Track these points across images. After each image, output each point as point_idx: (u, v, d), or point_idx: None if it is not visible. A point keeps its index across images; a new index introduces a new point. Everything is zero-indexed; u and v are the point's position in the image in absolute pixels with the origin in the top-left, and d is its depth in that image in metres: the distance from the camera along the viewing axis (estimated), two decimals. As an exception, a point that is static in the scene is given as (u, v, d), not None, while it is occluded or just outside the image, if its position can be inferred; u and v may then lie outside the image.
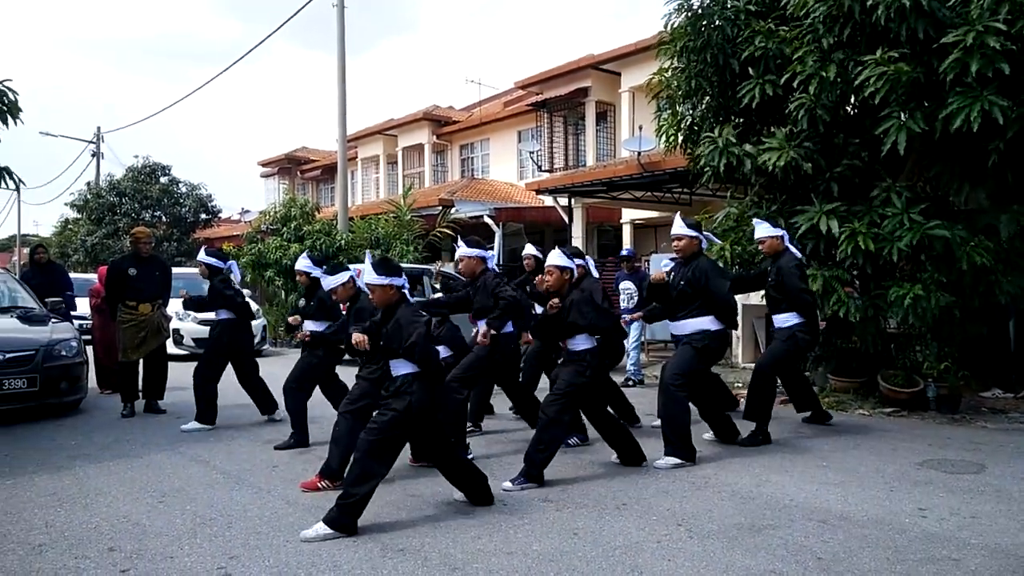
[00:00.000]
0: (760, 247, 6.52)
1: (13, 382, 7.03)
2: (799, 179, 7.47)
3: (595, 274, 6.25)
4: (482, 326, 5.62)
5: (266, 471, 5.40)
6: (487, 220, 16.93)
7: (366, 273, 4.26)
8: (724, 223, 8.47)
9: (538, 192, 16.11)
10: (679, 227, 5.83)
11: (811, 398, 6.91)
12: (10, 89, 7.70)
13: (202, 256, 7.15)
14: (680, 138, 8.96)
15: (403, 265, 14.08)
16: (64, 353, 7.51)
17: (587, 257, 6.19)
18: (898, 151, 6.74)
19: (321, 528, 3.95)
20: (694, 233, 5.80)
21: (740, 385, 8.65)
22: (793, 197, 7.88)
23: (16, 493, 4.84)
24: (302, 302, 6.45)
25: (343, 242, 16.62)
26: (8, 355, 7.07)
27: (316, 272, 6.11)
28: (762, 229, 6.42)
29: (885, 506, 4.46)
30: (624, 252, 10.44)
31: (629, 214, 16.96)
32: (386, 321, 4.24)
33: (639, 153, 12.52)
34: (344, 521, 3.97)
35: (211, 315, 7.35)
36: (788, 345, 6.26)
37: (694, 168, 8.57)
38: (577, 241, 15.56)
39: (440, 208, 17.97)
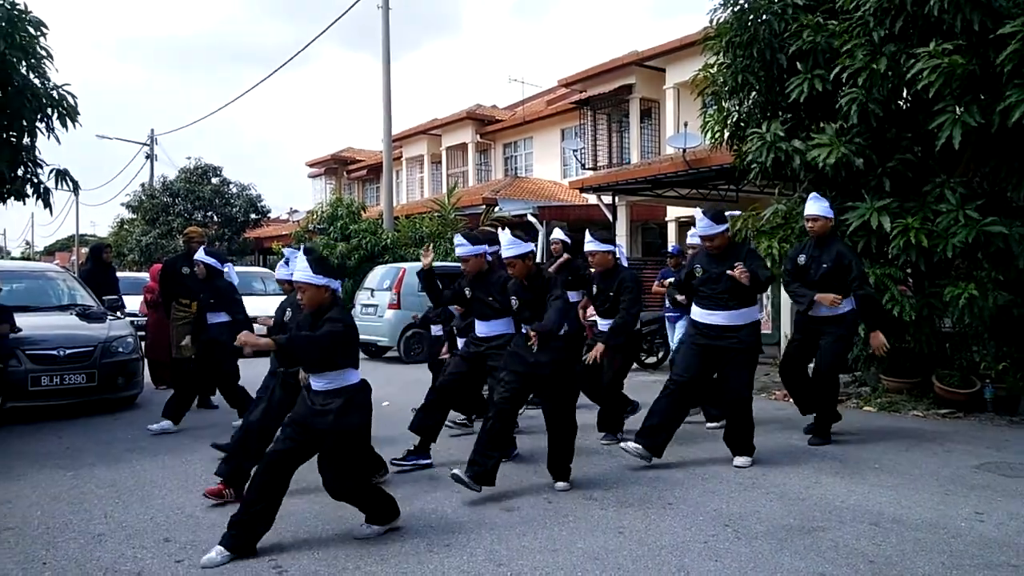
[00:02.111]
0: (810, 224, 6.07)
1: (73, 377, 7.30)
2: (850, 175, 7.32)
3: (624, 262, 6.31)
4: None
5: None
6: (531, 219, 16.95)
7: (299, 270, 3.83)
8: (772, 220, 8.33)
9: (582, 190, 16.07)
10: (710, 228, 5.46)
11: (814, 401, 6.27)
12: (69, 93, 7.95)
13: (201, 255, 6.82)
14: (726, 134, 8.84)
15: (443, 264, 14.09)
16: (121, 350, 7.75)
17: (618, 243, 6.04)
18: (953, 145, 6.56)
19: (376, 527, 4.01)
20: (725, 227, 5.53)
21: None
22: (843, 193, 7.72)
23: (77, 484, 5.01)
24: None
25: (388, 241, 16.80)
26: (68, 351, 7.34)
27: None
28: (818, 207, 5.98)
29: (940, 510, 4.36)
30: (670, 249, 10.40)
31: (674, 212, 16.79)
32: (315, 326, 3.81)
33: (684, 150, 12.39)
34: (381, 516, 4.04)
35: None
36: (849, 338, 6.17)
37: (741, 164, 8.46)
38: (621, 239, 15.49)
39: (484, 207, 18.04)
